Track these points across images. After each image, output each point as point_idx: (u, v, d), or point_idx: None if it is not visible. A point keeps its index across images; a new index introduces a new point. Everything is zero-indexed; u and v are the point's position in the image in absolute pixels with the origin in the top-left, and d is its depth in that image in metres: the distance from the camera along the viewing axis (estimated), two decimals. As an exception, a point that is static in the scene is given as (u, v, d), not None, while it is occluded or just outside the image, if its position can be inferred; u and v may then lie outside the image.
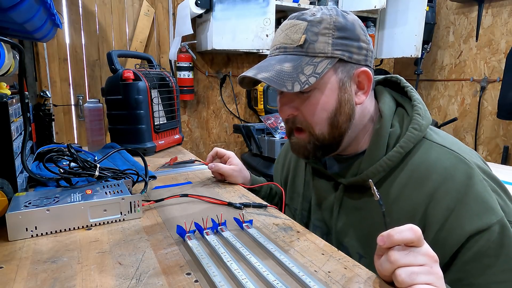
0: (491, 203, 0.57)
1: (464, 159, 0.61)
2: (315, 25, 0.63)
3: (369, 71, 0.67)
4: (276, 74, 0.62)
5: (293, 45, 0.64)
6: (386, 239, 0.44)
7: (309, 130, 0.67)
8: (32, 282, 0.46)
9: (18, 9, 0.79)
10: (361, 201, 0.69)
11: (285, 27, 0.66)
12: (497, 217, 0.56)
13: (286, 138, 1.00)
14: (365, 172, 0.66)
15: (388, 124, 0.67)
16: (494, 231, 0.55)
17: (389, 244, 0.44)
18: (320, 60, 0.63)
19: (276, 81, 0.61)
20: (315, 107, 0.65)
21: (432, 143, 0.65)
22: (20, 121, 0.82)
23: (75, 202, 0.63)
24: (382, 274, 0.47)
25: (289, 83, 0.61)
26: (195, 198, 0.78)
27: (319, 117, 0.65)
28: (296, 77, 0.61)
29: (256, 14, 2.22)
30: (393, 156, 0.64)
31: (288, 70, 0.62)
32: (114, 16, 2.17)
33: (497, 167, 1.81)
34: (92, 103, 1.26)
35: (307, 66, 0.62)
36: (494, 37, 2.56)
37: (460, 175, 0.59)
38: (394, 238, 0.44)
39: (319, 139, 0.67)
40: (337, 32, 0.63)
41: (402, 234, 0.44)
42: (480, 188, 0.58)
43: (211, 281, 0.46)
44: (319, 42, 0.63)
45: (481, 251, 0.55)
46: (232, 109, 2.67)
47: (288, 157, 0.94)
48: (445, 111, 2.91)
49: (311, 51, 0.63)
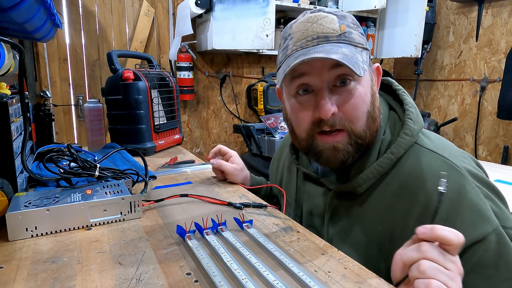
0: (485, 211, 0.56)
1: (455, 166, 0.59)
2: (342, 18, 0.63)
3: (380, 67, 0.68)
4: (345, 57, 0.57)
5: (335, 34, 0.60)
6: (427, 230, 0.43)
7: (351, 128, 0.61)
8: (32, 282, 0.46)
9: (18, 9, 0.79)
10: (352, 208, 0.67)
11: (314, 19, 0.62)
12: (492, 226, 0.55)
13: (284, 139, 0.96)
14: (355, 179, 0.65)
15: (381, 130, 0.66)
16: (491, 240, 0.54)
17: (428, 236, 0.43)
18: (361, 50, 0.62)
19: (352, 63, 0.56)
20: (358, 100, 0.61)
21: (423, 149, 0.63)
22: (20, 121, 0.82)
23: (75, 202, 0.63)
24: (401, 265, 0.45)
25: (357, 67, 0.57)
26: (195, 198, 0.78)
27: (361, 111, 0.61)
28: (358, 63, 0.58)
29: (256, 14, 2.22)
30: (384, 162, 0.63)
31: (349, 54, 0.58)
32: (114, 16, 2.17)
33: (497, 167, 1.81)
34: (92, 103, 1.26)
35: (357, 54, 0.60)
36: (494, 37, 2.56)
37: (452, 183, 0.57)
38: (436, 232, 0.43)
39: (361, 136, 0.62)
40: (358, 28, 0.65)
41: (445, 232, 0.43)
42: (473, 196, 0.57)
43: (211, 281, 0.46)
44: (354, 34, 0.62)
45: (480, 262, 0.54)
46: (232, 109, 2.67)
47: (282, 160, 0.92)
48: (445, 111, 2.91)
49: (353, 40, 0.61)
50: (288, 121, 0.70)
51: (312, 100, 0.63)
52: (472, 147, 2.70)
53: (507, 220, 0.58)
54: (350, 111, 0.61)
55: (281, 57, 0.66)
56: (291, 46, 0.63)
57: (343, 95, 0.61)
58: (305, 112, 0.63)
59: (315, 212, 0.75)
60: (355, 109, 0.61)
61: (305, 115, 0.63)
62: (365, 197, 0.66)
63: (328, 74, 0.60)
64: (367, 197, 0.65)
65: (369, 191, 0.65)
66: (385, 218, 0.63)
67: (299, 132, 0.66)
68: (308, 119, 0.63)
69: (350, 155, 0.63)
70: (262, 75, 2.71)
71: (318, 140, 0.64)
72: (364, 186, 0.65)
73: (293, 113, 0.66)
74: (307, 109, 0.63)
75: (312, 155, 0.67)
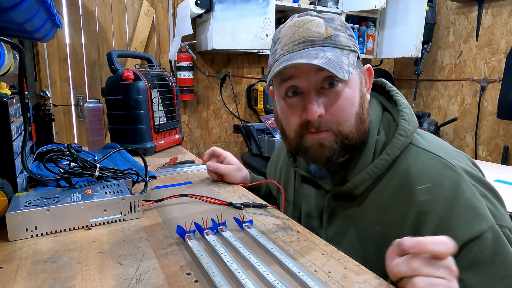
0: (481, 209, 0.56)
1: (451, 165, 0.59)
2: (329, 21, 0.63)
3: (372, 68, 0.68)
4: (327, 61, 0.58)
5: (321, 38, 0.61)
6: (416, 245, 0.42)
7: (338, 129, 0.62)
8: (32, 282, 0.46)
9: (18, 9, 0.79)
10: (350, 209, 0.68)
11: (301, 23, 0.63)
12: (488, 224, 0.55)
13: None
14: (352, 181, 0.65)
15: (375, 130, 0.67)
16: (487, 238, 0.54)
17: (417, 251, 0.42)
18: (348, 52, 0.62)
19: (334, 67, 0.57)
20: (345, 102, 0.62)
21: (418, 149, 0.63)
22: (20, 121, 0.82)
23: (75, 202, 0.63)
24: (393, 274, 0.45)
25: (340, 70, 0.58)
26: (195, 198, 0.78)
27: (348, 113, 0.62)
28: (342, 66, 0.59)
29: (256, 14, 2.22)
30: (380, 163, 0.63)
31: (333, 58, 0.59)
32: (114, 16, 2.17)
33: (497, 167, 1.81)
34: (92, 103, 1.26)
35: (342, 56, 0.61)
36: (494, 37, 2.56)
37: (448, 181, 0.58)
38: (425, 247, 0.42)
39: (348, 137, 0.63)
40: (347, 30, 0.65)
41: (434, 246, 0.42)
42: (469, 194, 0.57)
43: (211, 281, 0.46)
44: (341, 36, 0.63)
45: (476, 259, 0.54)
46: (232, 109, 2.67)
47: (280, 163, 0.92)
48: (445, 111, 2.91)
49: (339, 43, 0.62)
50: (278, 122, 0.71)
51: (300, 102, 0.64)
52: (472, 147, 2.70)
53: (503, 219, 0.58)
54: (337, 112, 0.62)
55: (271, 61, 0.67)
56: (279, 51, 0.64)
57: (330, 97, 0.62)
58: (294, 113, 0.65)
59: (313, 213, 0.75)
60: (342, 111, 0.62)
61: (293, 117, 0.65)
62: (362, 198, 0.66)
63: (315, 76, 0.61)
64: (364, 198, 0.66)
65: (366, 192, 0.65)
66: (382, 218, 0.63)
67: (289, 132, 0.68)
68: (297, 120, 0.64)
69: (335, 152, 0.64)
70: (262, 75, 2.71)
71: (306, 137, 0.65)
72: (361, 187, 0.65)
73: (283, 114, 0.68)
74: (295, 111, 0.64)
75: (301, 153, 0.68)
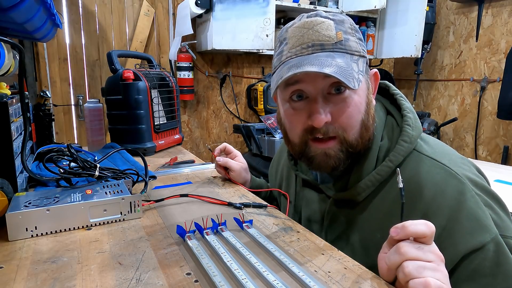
0: (484, 220, 0.55)
1: (455, 173, 0.59)
2: (340, 24, 0.61)
3: (378, 73, 0.67)
4: (339, 70, 0.56)
5: (331, 42, 0.59)
6: (400, 230, 0.45)
7: (343, 136, 0.61)
8: (32, 282, 0.46)
9: (18, 9, 0.79)
10: (351, 215, 0.67)
11: (310, 25, 0.60)
12: (491, 235, 0.54)
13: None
14: (354, 187, 0.64)
15: (379, 136, 0.66)
16: (488, 249, 0.54)
17: (402, 235, 0.45)
18: (357, 58, 0.61)
19: (345, 76, 0.55)
20: (352, 109, 0.60)
21: (422, 155, 0.62)
22: (20, 121, 0.82)
23: (75, 202, 0.63)
24: (386, 269, 0.46)
25: (351, 79, 0.56)
26: (195, 198, 0.78)
27: (355, 120, 0.60)
28: (352, 74, 0.57)
29: (256, 14, 2.22)
30: (383, 170, 0.62)
31: (344, 66, 0.57)
32: (114, 16, 2.17)
33: (497, 167, 1.81)
34: (92, 103, 1.26)
35: (352, 63, 0.59)
36: (494, 37, 2.56)
37: (451, 190, 0.57)
38: (408, 229, 0.44)
39: (353, 145, 0.61)
40: (356, 33, 0.63)
41: (416, 227, 0.44)
42: (473, 204, 0.56)
43: (211, 281, 0.46)
44: (351, 41, 0.61)
45: (477, 271, 0.54)
46: (232, 109, 2.67)
47: (281, 165, 0.92)
48: (445, 111, 2.91)
49: (349, 48, 0.60)
50: (281, 125, 0.69)
51: (306, 107, 0.62)
52: (472, 147, 2.70)
53: (507, 229, 0.57)
54: (344, 119, 0.60)
55: (276, 62, 0.65)
56: (286, 53, 0.62)
57: (337, 104, 0.60)
58: (299, 118, 0.63)
59: (313, 218, 0.74)
60: (349, 118, 0.60)
61: (298, 122, 0.63)
62: (364, 204, 0.65)
63: (323, 82, 0.60)
64: (366, 204, 0.65)
65: (368, 198, 0.65)
66: (384, 225, 0.61)
67: (292, 137, 0.66)
68: (301, 125, 0.63)
69: (341, 162, 0.62)
70: (262, 75, 2.71)
71: (311, 145, 0.63)
72: (363, 194, 0.64)
73: (287, 118, 0.66)
74: (300, 116, 0.62)
75: (304, 160, 0.66)
